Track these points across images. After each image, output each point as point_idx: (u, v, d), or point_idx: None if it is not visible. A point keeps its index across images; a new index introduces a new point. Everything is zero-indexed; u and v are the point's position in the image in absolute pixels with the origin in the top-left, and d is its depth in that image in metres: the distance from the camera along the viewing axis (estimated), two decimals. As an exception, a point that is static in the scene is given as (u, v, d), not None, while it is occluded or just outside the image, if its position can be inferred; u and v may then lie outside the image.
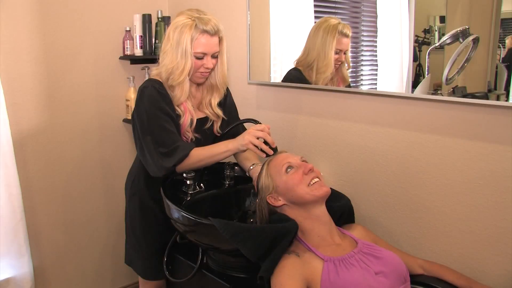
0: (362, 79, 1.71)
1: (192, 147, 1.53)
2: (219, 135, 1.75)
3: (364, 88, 1.70)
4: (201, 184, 1.69)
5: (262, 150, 1.47)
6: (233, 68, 2.20)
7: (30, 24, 2.08)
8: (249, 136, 1.46)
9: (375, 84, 1.64)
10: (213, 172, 1.76)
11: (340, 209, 1.47)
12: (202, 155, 1.53)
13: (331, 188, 1.37)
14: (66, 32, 2.20)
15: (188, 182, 1.64)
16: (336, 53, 1.70)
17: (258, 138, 1.48)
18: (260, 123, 1.52)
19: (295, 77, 1.86)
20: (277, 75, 1.99)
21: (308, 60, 1.78)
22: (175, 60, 1.54)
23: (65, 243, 2.35)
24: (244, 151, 1.56)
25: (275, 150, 1.48)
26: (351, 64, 1.70)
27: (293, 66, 1.88)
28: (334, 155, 1.83)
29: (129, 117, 2.42)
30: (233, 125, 1.64)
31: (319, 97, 1.84)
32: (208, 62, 1.57)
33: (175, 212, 1.45)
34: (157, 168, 1.53)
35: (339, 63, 1.71)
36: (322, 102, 1.83)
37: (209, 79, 1.68)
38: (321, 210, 1.34)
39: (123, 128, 2.49)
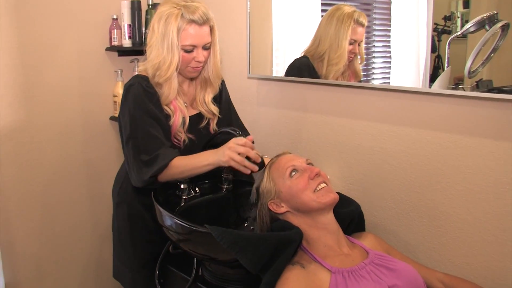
0: (373, 73, 1.71)
1: (173, 156, 1.50)
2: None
3: (376, 83, 1.69)
4: (196, 188, 1.69)
5: (245, 166, 1.44)
6: (231, 61, 2.20)
7: (1, 12, 2.06)
8: (230, 152, 1.41)
9: (388, 78, 1.64)
10: (209, 175, 1.73)
11: (349, 216, 1.47)
12: (182, 166, 1.50)
13: (339, 193, 1.37)
14: (44, 20, 2.18)
15: (182, 186, 1.64)
16: (351, 43, 1.69)
17: (239, 154, 1.43)
18: (241, 135, 1.49)
19: (304, 64, 1.85)
20: (279, 68, 1.99)
21: (319, 51, 1.78)
22: (161, 55, 1.53)
23: (43, 257, 2.33)
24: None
25: (261, 165, 1.46)
26: (358, 57, 1.70)
27: (301, 55, 1.87)
28: (342, 156, 1.83)
29: (116, 115, 2.40)
30: (210, 137, 1.63)
31: (326, 93, 1.84)
32: (199, 55, 1.56)
33: (168, 219, 1.45)
34: (136, 178, 1.53)
35: (353, 55, 1.71)
36: (330, 98, 1.83)
37: (202, 73, 1.68)
38: (328, 218, 1.34)
39: (110, 126, 2.48)
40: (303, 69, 1.87)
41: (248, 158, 1.43)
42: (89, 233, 2.48)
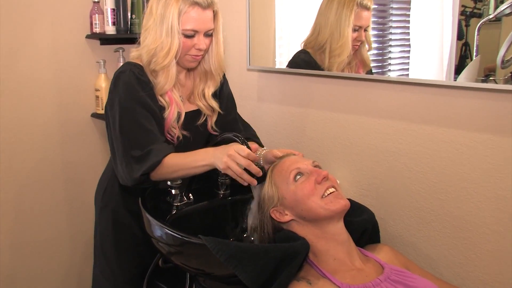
0: (390, 64, 1.70)
1: (167, 152, 1.51)
2: (215, 133, 1.75)
3: (393, 75, 1.69)
4: (190, 194, 1.69)
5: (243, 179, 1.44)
6: (228, 50, 2.20)
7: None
8: (228, 160, 1.41)
9: (407, 69, 1.64)
10: (204, 179, 1.75)
11: (362, 226, 1.47)
12: (176, 165, 1.51)
13: (350, 200, 1.37)
14: (14, 3, 2.17)
15: (173, 191, 1.64)
16: (355, 30, 1.69)
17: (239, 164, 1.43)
18: (245, 143, 1.49)
19: (303, 61, 1.86)
20: (283, 59, 1.99)
21: (319, 41, 1.78)
22: (159, 39, 1.54)
23: (14, 271, 2.32)
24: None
25: (260, 179, 1.46)
26: (373, 45, 1.70)
27: (300, 49, 1.88)
28: (354, 158, 1.83)
29: (99, 111, 2.42)
30: (213, 142, 1.63)
31: (334, 86, 1.84)
32: (200, 41, 1.57)
33: (157, 229, 1.45)
34: (125, 177, 1.53)
35: (359, 43, 1.71)
36: (339, 93, 1.83)
37: (202, 64, 1.68)
38: (338, 227, 1.33)
39: (92, 124, 2.49)
40: (302, 67, 1.88)
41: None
42: (69, 244, 2.48)
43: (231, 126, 1.77)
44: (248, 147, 1.47)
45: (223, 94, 1.79)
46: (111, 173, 1.76)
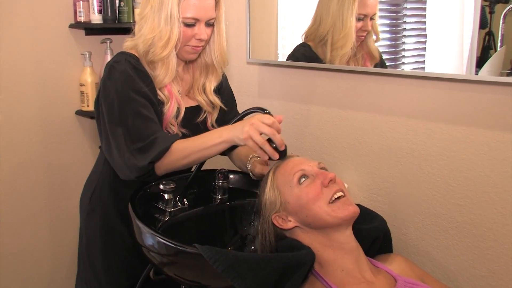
0: (403, 56, 1.70)
1: (174, 139, 1.51)
2: None
3: (407, 69, 1.69)
4: (184, 199, 1.69)
5: (265, 151, 1.41)
6: (226, 41, 2.19)
7: None
8: (251, 129, 1.39)
9: (423, 62, 1.63)
10: (200, 183, 1.76)
11: (372, 234, 1.47)
12: (188, 148, 1.49)
13: (359, 206, 1.36)
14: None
15: (166, 196, 1.64)
16: (359, 19, 1.69)
17: (262, 134, 1.41)
18: (270, 113, 1.46)
19: (303, 56, 1.87)
20: (286, 52, 1.99)
21: (321, 32, 1.78)
22: (157, 28, 1.54)
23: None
24: (241, 145, 1.51)
25: (283, 154, 1.44)
26: (385, 35, 1.70)
27: (301, 41, 1.88)
28: (363, 160, 1.83)
29: (85, 108, 2.42)
30: (236, 118, 1.58)
31: (343, 81, 1.84)
32: (201, 31, 1.58)
33: (149, 237, 1.45)
34: (129, 168, 1.51)
35: (364, 33, 1.71)
36: (348, 88, 1.83)
37: (202, 56, 1.69)
38: (346, 236, 1.33)
39: (77, 123, 2.49)
40: (302, 62, 1.89)
41: (270, 141, 1.41)
42: (51, 255, 2.48)
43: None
44: (271, 115, 1.46)
45: (224, 90, 1.79)
46: (100, 173, 1.76)
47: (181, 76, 1.71)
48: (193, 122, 1.70)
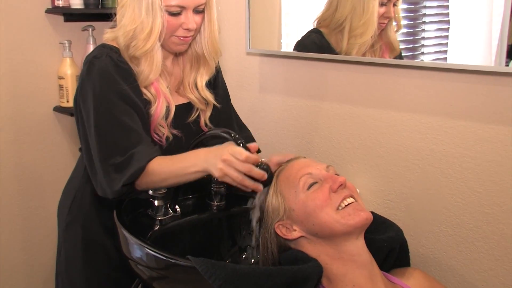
0: (422, 45, 1.70)
1: (151, 156, 1.50)
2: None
3: (427, 60, 1.69)
4: (176, 206, 1.69)
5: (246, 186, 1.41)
6: (223, 30, 2.15)
7: None
8: (224, 166, 1.38)
9: (445, 52, 1.63)
10: (193, 187, 1.76)
11: (387, 245, 1.46)
12: (163, 172, 1.49)
13: (372, 213, 1.36)
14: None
15: (156, 202, 1.64)
16: (382, 4, 1.69)
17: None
18: (239, 140, 1.45)
19: (313, 43, 1.86)
20: (290, 41, 1.99)
21: (337, 18, 1.78)
22: (138, 18, 1.53)
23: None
24: None
25: (268, 181, 1.43)
26: (402, 23, 1.69)
27: (312, 27, 1.88)
28: (377, 162, 1.83)
29: (64, 104, 2.42)
30: (195, 140, 1.60)
31: (354, 74, 1.84)
32: (189, 20, 1.55)
33: (137, 249, 1.44)
34: (105, 187, 1.52)
35: (386, 20, 1.71)
36: (360, 82, 1.83)
37: (192, 46, 1.68)
38: (358, 246, 1.32)
39: (55, 120, 2.49)
40: (312, 50, 1.87)
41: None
42: (24, 271, 2.47)
43: (225, 125, 1.76)
44: (245, 147, 1.45)
45: (218, 84, 1.79)
46: (80, 179, 1.75)
47: (170, 70, 1.70)
48: (185, 121, 1.70)
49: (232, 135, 1.48)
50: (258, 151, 1.72)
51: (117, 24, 1.59)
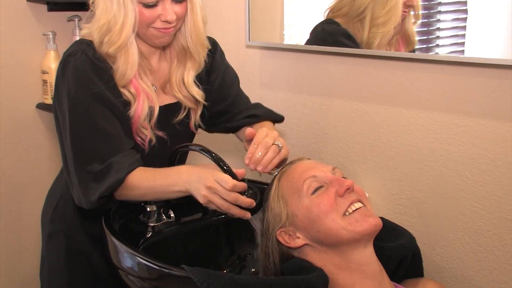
0: (437, 37, 1.70)
1: (131, 167, 1.50)
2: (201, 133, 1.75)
3: (441, 52, 1.69)
4: (170, 212, 1.69)
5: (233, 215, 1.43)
6: (221, 21, 2.20)
7: None
8: (209, 194, 1.39)
9: (462, 44, 1.64)
10: None
11: (399, 253, 1.46)
12: (143, 187, 1.50)
13: (382, 219, 1.36)
14: None
15: (148, 208, 1.64)
16: None
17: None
18: (227, 167, 1.43)
19: (338, 32, 1.84)
20: (294, 32, 1.99)
21: (357, 6, 1.78)
22: (110, 11, 1.52)
23: None
24: None
25: (255, 209, 1.43)
26: (420, 12, 1.69)
27: (323, 18, 1.87)
28: (388, 164, 1.83)
29: (48, 101, 2.41)
30: (171, 159, 1.60)
31: (363, 69, 1.84)
32: (167, 11, 1.53)
33: (127, 258, 1.45)
34: (80, 197, 1.52)
35: (407, 9, 1.71)
36: (369, 77, 1.83)
37: (178, 37, 1.66)
38: (367, 255, 1.32)
39: (38, 118, 2.48)
40: (340, 39, 1.86)
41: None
42: (4, 285, 2.46)
43: (234, 108, 1.77)
44: (231, 173, 1.43)
45: (216, 72, 1.77)
46: (63, 184, 1.74)
47: (156, 66, 1.69)
48: (172, 123, 1.69)
49: (214, 155, 1.45)
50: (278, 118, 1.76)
51: (93, 17, 1.58)
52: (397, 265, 1.45)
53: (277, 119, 1.79)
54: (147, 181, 1.49)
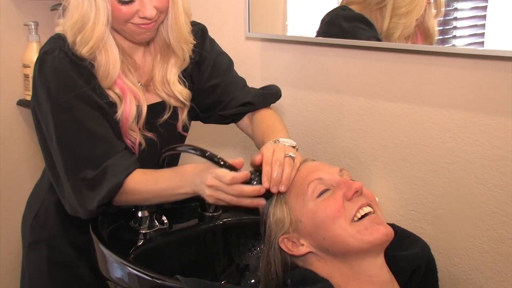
0: (454, 27, 1.70)
1: (130, 170, 1.51)
2: (185, 133, 1.76)
3: (459, 44, 1.69)
4: (163, 217, 1.69)
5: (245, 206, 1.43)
6: (218, 11, 2.21)
7: None
8: (213, 192, 1.40)
9: (481, 36, 1.64)
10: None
11: (412, 263, 1.46)
12: (146, 191, 1.51)
13: (394, 226, 1.36)
14: None
15: (139, 213, 1.64)
16: None
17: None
18: (222, 161, 1.42)
19: (356, 18, 1.83)
20: (297, 22, 2.00)
21: None
22: (81, 8, 1.51)
23: None
24: None
25: (268, 194, 1.41)
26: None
27: (337, 5, 1.88)
28: (400, 165, 1.83)
29: (30, 97, 2.39)
30: (165, 153, 1.59)
31: (372, 62, 1.84)
32: (145, 6, 1.51)
33: (117, 268, 1.45)
34: (76, 207, 1.52)
35: (428, 0, 1.71)
36: (379, 71, 1.83)
37: (160, 31, 1.65)
38: (377, 265, 1.33)
39: (19, 116, 2.49)
40: (353, 26, 1.86)
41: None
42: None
43: (228, 96, 1.77)
44: (228, 166, 1.43)
45: (206, 58, 1.76)
46: (45, 190, 1.75)
47: (140, 63, 1.69)
48: (158, 123, 1.68)
49: (207, 154, 1.44)
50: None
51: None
52: (410, 276, 1.45)
53: (272, 100, 1.79)
54: (148, 185, 1.50)
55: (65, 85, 1.52)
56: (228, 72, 1.82)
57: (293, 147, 1.49)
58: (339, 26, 1.88)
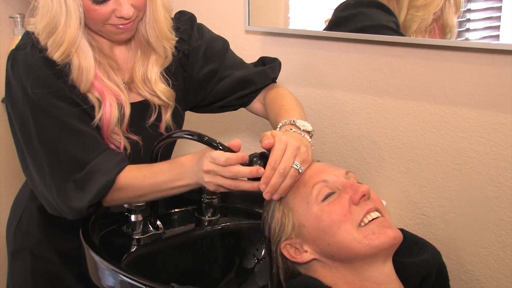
0: (468, 20, 1.70)
1: (121, 166, 1.52)
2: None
3: (472, 38, 1.70)
4: (158, 222, 1.69)
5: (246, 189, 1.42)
6: (216, 3, 2.21)
7: None
8: (211, 177, 1.40)
9: (496, 28, 1.63)
10: (180, 199, 1.77)
11: (421, 270, 1.44)
12: (141, 187, 1.51)
13: (402, 230, 1.36)
14: None
15: (132, 217, 1.64)
16: None
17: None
18: (217, 143, 1.42)
19: (374, 3, 1.84)
20: (300, 15, 2.00)
21: None
22: (50, 10, 1.50)
23: None
24: None
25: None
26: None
27: None
28: (408, 167, 1.83)
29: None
30: (156, 146, 1.57)
31: (380, 58, 1.84)
32: (122, 5, 1.51)
33: (108, 275, 1.45)
34: (61, 208, 1.51)
35: None
36: (387, 68, 1.83)
37: (140, 29, 1.64)
38: (384, 273, 1.33)
39: (4, 115, 2.46)
40: (371, 12, 1.86)
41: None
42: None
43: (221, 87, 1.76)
44: (224, 147, 1.43)
45: (195, 48, 1.76)
46: (27, 194, 1.75)
47: (122, 59, 1.69)
48: (142, 125, 1.68)
49: (206, 138, 1.44)
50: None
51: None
52: (420, 284, 1.44)
53: (273, 76, 1.79)
54: (145, 179, 1.50)
55: (40, 83, 1.52)
56: (224, 55, 1.81)
57: (308, 132, 1.48)
58: (354, 15, 1.88)
